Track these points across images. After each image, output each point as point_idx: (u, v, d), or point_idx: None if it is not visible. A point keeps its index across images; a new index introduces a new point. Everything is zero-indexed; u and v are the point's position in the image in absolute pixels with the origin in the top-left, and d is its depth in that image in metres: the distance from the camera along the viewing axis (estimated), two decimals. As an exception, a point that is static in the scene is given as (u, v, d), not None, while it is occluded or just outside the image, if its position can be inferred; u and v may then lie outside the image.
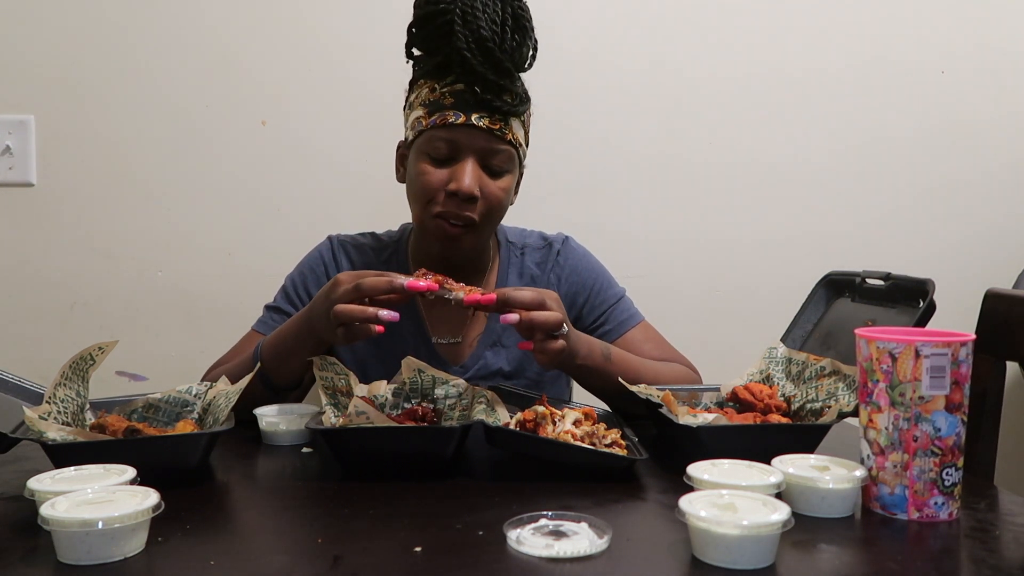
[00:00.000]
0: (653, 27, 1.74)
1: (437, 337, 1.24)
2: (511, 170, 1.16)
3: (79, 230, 1.70)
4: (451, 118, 1.10)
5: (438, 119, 1.11)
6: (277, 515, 0.82)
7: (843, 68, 1.76)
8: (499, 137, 1.12)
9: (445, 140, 1.11)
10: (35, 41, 1.66)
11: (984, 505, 0.82)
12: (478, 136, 1.11)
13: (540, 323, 0.96)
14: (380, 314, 0.94)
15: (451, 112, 1.10)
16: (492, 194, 1.13)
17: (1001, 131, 1.79)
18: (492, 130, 1.11)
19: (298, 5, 1.69)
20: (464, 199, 1.10)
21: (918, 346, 0.75)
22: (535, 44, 1.15)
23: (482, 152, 1.12)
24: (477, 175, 1.11)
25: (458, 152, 1.11)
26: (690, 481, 0.76)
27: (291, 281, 1.28)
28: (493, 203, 1.14)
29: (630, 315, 1.28)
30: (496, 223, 1.19)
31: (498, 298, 0.95)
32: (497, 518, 0.72)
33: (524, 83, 1.16)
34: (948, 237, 1.80)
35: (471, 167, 1.11)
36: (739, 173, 1.77)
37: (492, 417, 0.93)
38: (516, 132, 1.14)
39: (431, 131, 1.12)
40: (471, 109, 1.10)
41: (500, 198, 1.14)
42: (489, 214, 1.14)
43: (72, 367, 0.92)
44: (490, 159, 1.12)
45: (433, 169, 1.12)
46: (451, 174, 1.11)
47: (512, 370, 1.24)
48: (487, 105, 1.10)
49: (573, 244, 1.32)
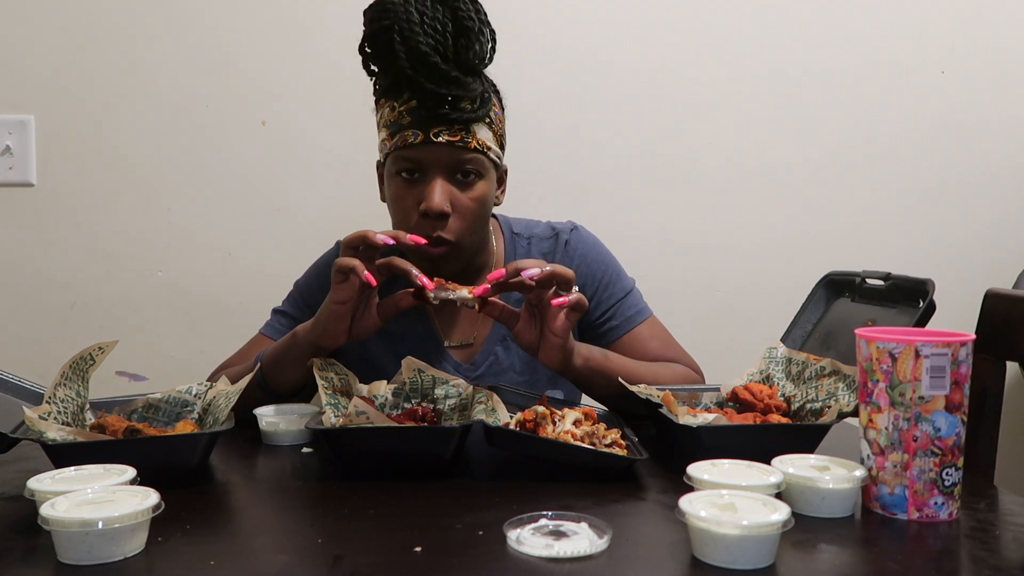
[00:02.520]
0: (653, 27, 1.74)
1: (449, 341, 1.23)
2: (484, 175, 1.13)
3: (79, 230, 1.70)
4: (411, 138, 1.09)
5: (399, 141, 1.09)
6: (277, 515, 0.82)
7: (843, 68, 1.76)
8: (462, 148, 1.09)
9: (409, 160, 1.10)
10: (35, 41, 1.66)
11: (984, 505, 0.82)
12: (440, 152, 1.09)
13: (560, 273, 0.96)
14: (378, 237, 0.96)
15: (410, 132, 1.09)
16: (465, 206, 1.12)
17: (1001, 131, 1.79)
18: (453, 143, 1.09)
19: (298, 5, 1.69)
20: (436, 216, 1.09)
21: (918, 346, 0.75)
22: (492, 36, 1.11)
23: (448, 166, 1.10)
24: (447, 191, 1.10)
25: (424, 170, 1.10)
26: (690, 481, 0.76)
27: (299, 286, 1.28)
28: (468, 215, 1.12)
29: (638, 311, 1.26)
30: (478, 232, 1.17)
31: (508, 270, 0.96)
32: (497, 518, 0.72)
33: (487, 80, 1.14)
34: (948, 237, 1.80)
35: (439, 185, 1.09)
36: (739, 173, 1.77)
37: (492, 417, 0.93)
38: (481, 137, 1.11)
39: (395, 153, 1.11)
40: (428, 125, 1.08)
41: (474, 209, 1.12)
42: (466, 227, 1.13)
43: (72, 367, 0.92)
44: (458, 171, 1.11)
45: (404, 191, 1.12)
46: (420, 193, 1.10)
47: (524, 367, 1.23)
48: (444, 119, 1.07)
49: (583, 233, 1.30)
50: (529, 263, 0.96)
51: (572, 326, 1.00)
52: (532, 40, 1.70)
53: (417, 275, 0.97)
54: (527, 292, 0.99)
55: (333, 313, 0.99)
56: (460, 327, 1.24)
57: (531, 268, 0.95)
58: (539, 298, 0.98)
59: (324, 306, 1.01)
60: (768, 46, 1.75)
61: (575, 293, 0.98)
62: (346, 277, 0.97)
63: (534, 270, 0.95)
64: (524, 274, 0.95)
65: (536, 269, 0.95)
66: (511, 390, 1.11)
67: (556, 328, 0.98)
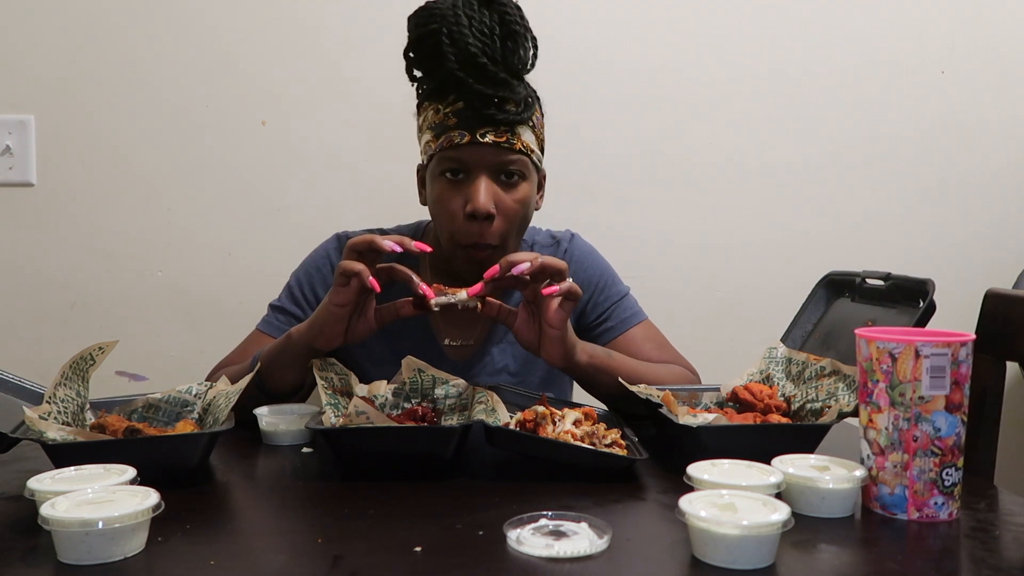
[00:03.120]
0: (653, 27, 1.74)
1: (449, 339, 1.23)
2: (527, 178, 1.14)
3: (79, 230, 1.70)
4: (456, 139, 1.09)
5: (445, 141, 1.10)
6: (277, 515, 0.82)
7: (843, 68, 1.76)
8: (507, 149, 1.10)
9: (455, 160, 1.10)
10: (35, 41, 1.66)
11: (984, 505, 0.82)
12: (486, 152, 1.10)
13: (550, 264, 0.97)
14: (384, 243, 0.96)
15: (456, 133, 1.09)
16: (509, 208, 1.12)
17: (1001, 131, 1.79)
18: (499, 143, 1.09)
19: (298, 5, 1.69)
20: (482, 218, 1.10)
21: (918, 346, 0.75)
22: (534, 43, 1.13)
23: (493, 167, 1.11)
24: (492, 192, 1.10)
25: (469, 171, 1.11)
26: (690, 481, 0.76)
27: (296, 280, 1.27)
28: (512, 217, 1.13)
29: (633, 313, 1.28)
30: (521, 234, 1.18)
31: (502, 265, 0.96)
32: (497, 518, 0.72)
33: (529, 85, 1.15)
34: (948, 237, 1.80)
35: (484, 185, 1.10)
36: (739, 173, 1.77)
37: (492, 417, 0.93)
38: (525, 139, 1.12)
39: (440, 154, 1.12)
40: (475, 126, 1.09)
41: (518, 211, 1.13)
42: (510, 230, 1.13)
43: (72, 367, 0.92)
44: (502, 172, 1.11)
45: (450, 193, 1.12)
46: (466, 194, 1.11)
47: (519, 367, 1.24)
48: (490, 120, 1.09)
49: (580, 241, 1.32)
50: (520, 257, 0.96)
51: (568, 317, 1.00)
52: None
53: (418, 283, 0.97)
54: (522, 288, 1.00)
55: (331, 315, 0.99)
56: (458, 327, 1.24)
57: (522, 263, 0.96)
58: (534, 292, 0.99)
59: (322, 308, 1.00)
60: (768, 46, 1.75)
61: (567, 282, 0.98)
62: (348, 281, 0.96)
63: (524, 264, 0.96)
64: (515, 270, 0.96)
65: (526, 263, 0.96)
66: (511, 390, 1.11)
67: (551, 319, 0.99)
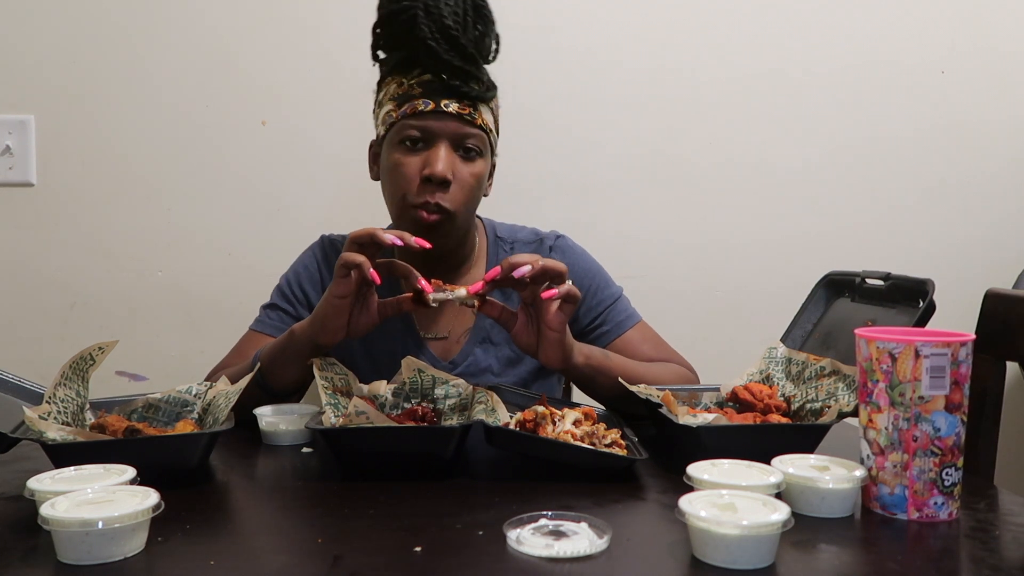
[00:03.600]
0: (653, 27, 1.73)
1: (425, 332, 1.24)
2: (483, 155, 1.16)
3: (79, 230, 1.70)
4: (420, 106, 1.12)
5: (408, 109, 1.12)
6: (277, 515, 0.82)
7: (843, 68, 1.76)
8: (469, 122, 1.13)
9: (416, 128, 1.12)
10: (35, 41, 1.66)
11: (984, 505, 0.82)
12: (449, 121, 1.12)
13: (551, 267, 0.97)
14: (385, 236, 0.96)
15: (420, 101, 1.12)
16: (465, 179, 1.14)
17: (1001, 131, 1.79)
18: (462, 114, 1.12)
19: (298, 5, 1.69)
20: (438, 183, 1.11)
21: (918, 346, 0.75)
22: (497, 37, 1.17)
23: (454, 137, 1.13)
24: (451, 160, 1.12)
25: (430, 138, 1.13)
26: (690, 481, 0.76)
27: (285, 280, 1.29)
28: (467, 189, 1.14)
29: (628, 315, 1.27)
30: (471, 210, 1.19)
31: (503, 267, 0.96)
32: (497, 518, 0.72)
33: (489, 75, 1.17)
34: (948, 237, 1.80)
35: (444, 151, 1.12)
36: (738, 173, 1.77)
37: (492, 417, 0.93)
38: (486, 118, 1.15)
39: (402, 122, 1.13)
40: (440, 96, 1.12)
41: (472, 184, 1.15)
42: (463, 200, 1.14)
43: (72, 367, 0.92)
44: (462, 143, 1.13)
45: (407, 158, 1.13)
46: (424, 160, 1.12)
47: (501, 368, 1.24)
48: (455, 91, 1.12)
49: (568, 243, 1.31)
50: (522, 259, 0.96)
51: (567, 319, 1.00)
52: (532, 40, 1.70)
53: (417, 277, 0.98)
54: (522, 289, 0.99)
55: (333, 307, 0.99)
56: (437, 321, 1.24)
57: (523, 266, 0.96)
58: (533, 295, 0.99)
59: (324, 301, 1.00)
60: (768, 46, 1.75)
61: (567, 284, 0.98)
62: (348, 272, 0.97)
63: (525, 267, 0.96)
64: (516, 273, 0.96)
65: (527, 266, 0.96)
66: (511, 390, 1.11)
67: (551, 322, 0.98)
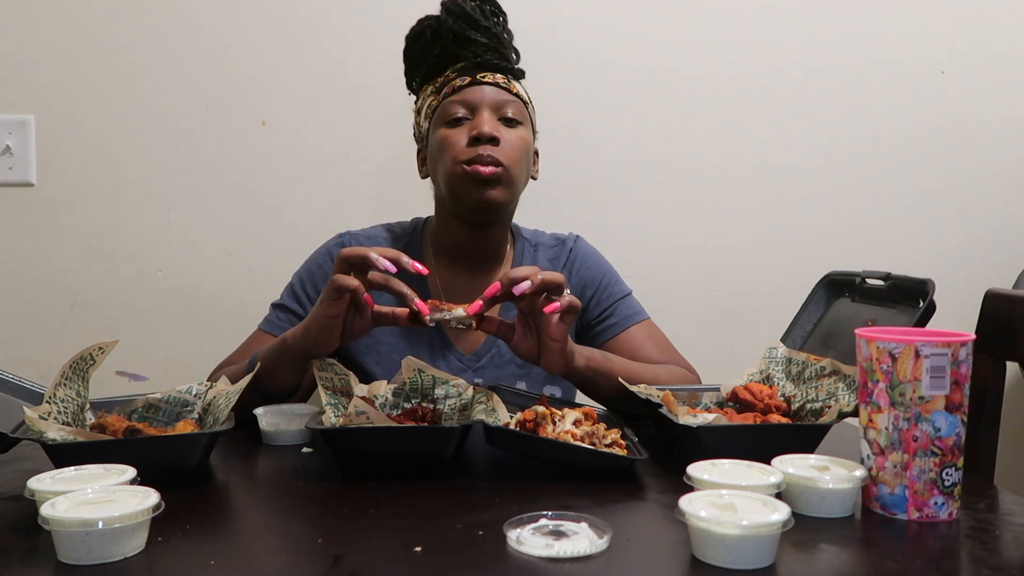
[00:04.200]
0: (653, 27, 1.73)
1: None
2: (525, 124, 1.21)
3: (79, 230, 1.70)
4: (458, 83, 1.19)
5: (447, 89, 1.20)
6: (277, 515, 0.82)
7: (843, 68, 1.76)
8: (506, 90, 1.20)
9: (457, 103, 1.18)
10: (35, 41, 1.66)
11: (984, 505, 0.82)
12: (487, 91, 1.19)
13: (549, 280, 0.96)
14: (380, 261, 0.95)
15: (457, 79, 1.20)
16: (512, 140, 1.18)
17: (1001, 131, 1.79)
18: (498, 83, 1.20)
19: (298, 5, 1.69)
20: (487, 140, 1.15)
21: (918, 346, 0.75)
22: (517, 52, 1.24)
23: (494, 104, 1.19)
24: (495, 123, 1.18)
25: (472, 109, 1.18)
26: (690, 481, 0.76)
27: (298, 279, 1.27)
28: (516, 147, 1.18)
29: (635, 312, 1.29)
30: (523, 175, 1.21)
31: (502, 283, 0.95)
32: (497, 518, 0.72)
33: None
34: (948, 237, 1.80)
35: (487, 115, 1.18)
36: (739, 173, 1.77)
37: (492, 417, 0.93)
38: (521, 91, 1.22)
39: (443, 104, 1.20)
40: (475, 71, 1.20)
41: (520, 145, 1.19)
42: (515, 158, 1.18)
43: (72, 367, 0.92)
44: (502, 111, 1.19)
45: (453, 131, 1.18)
46: (470, 127, 1.17)
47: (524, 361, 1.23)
48: (488, 64, 1.20)
49: (584, 243, 1.35)
50: (521, 274, 0.95)
51: (569, 329, 1.00)
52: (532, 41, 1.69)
53: (412, 299, 0.97)
54: (519, 302, 0.98)
55: (325, 326, 0.97)
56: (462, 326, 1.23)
57: (522, 283, 0.94)
58: (531, 306, 0.98)
59: (315, 318, 0.98)
60: (768, 46, 1.75)
61: (567, 296, 0.97)
62: (341, 295, 0.95)
63: (525, 283, 0.94)
64: (516, 290, 0.95)
65: (527, 282, 0.94)
66: (511, 390, 1.11)
67: (553, 333, 0.98)
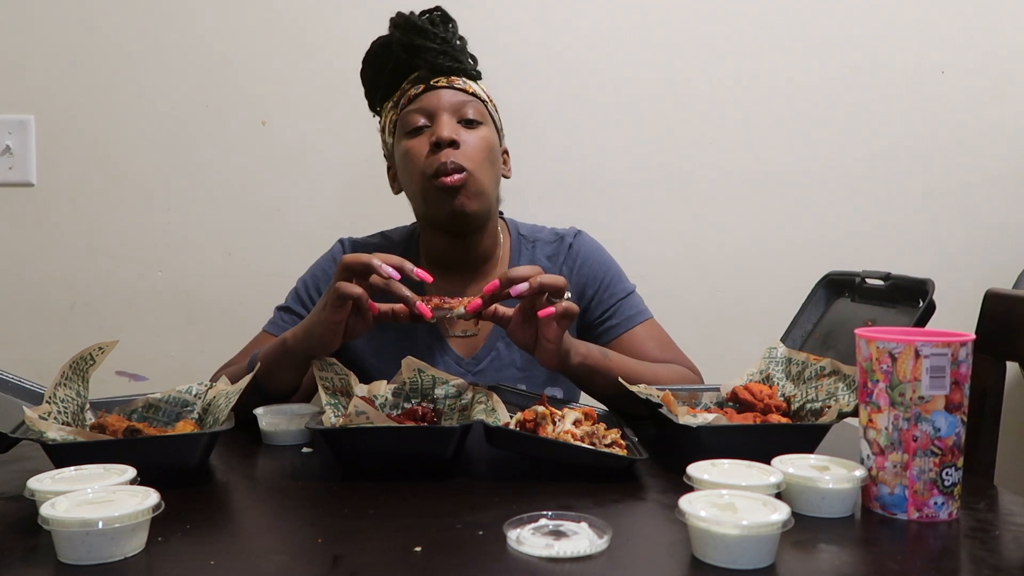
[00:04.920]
0: (653, 30, 1.73)
1: (452, 331, 1.24)
2: (486, 123, 1.20)
3: (79, 230, 1.70)
4: (413, 91, 1.18)
5: (403, 100, 1.19)
6: (277, 515, 0.82)
7: (843, 69, 1.76)
8: (462, 91, 1.18)
9: (416, 111, 1.17)
10: (35, 41, 1.66)
11: (984, 505, 0.82)
12: (443, 95, 1.17)
13: (549, 283, 0.96)
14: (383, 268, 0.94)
15: (412, 88, 1.19)
16: (473, 142, 1.16)
17: (1001, 132, 1.79)
18: (453, 85, 1.18)
19: (297, 5, 1.69)
20: (446, 144, 1.14)
21: (918, 346, 0.75)
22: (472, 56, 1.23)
23: (452, 107, 1.17)
24: (453, 125, 1.16)
25: (431, 116, 1.17)
26: (690, 481, 0.76)
27: (302, 283, 1.28)
28: (478, 148, 1.16)
29: (638, 311, 1.27)
30: (491, 177, 1.19)
31: (501, 281, 0.95)
32: (497, 518, 0.72)
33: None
34: (948, 237, 1.80)
35: (446, 118, 1.16)
36: (740, 174, 1.77)
37: (492, 417, 0.93)
38: (478, 89, 1.20)
39: (402, 115, 1.19)
40: (429, 77, 1.19)
41: (482, 146, 1.17)
42: (478, 160, 1.16)
43: (72, 367, 0.92)
44: (461, 112, 1.17)
45: (414, 141, 1.17)
46: (430, 133, 1.16)
47: (525, 363, 1.23)
48: (442, 69, 1.18)
49: (585, 237, 1.32)
50: (520, 274, 0.95)
51: (564, 332, 1.00)
52: (531, 42, 1.70)
53: (414, 302, 0.97)
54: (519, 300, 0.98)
55: (327, 331, 0.98)
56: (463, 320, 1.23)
57: (520, 284, 0.94)
58: (531, 303, 0.98)
59: (317, 322, 0.99)
60: (768, 48, 1.75)
61: (565, 301, 0.97)
62: (344, 303, 0.95)
63: (522, 286, 0.94)
64: (513, 292, 0.95)
65: (524, 284, 0.94)
66: (511, 390, 1.11)
67: (548, 335, 0.98)
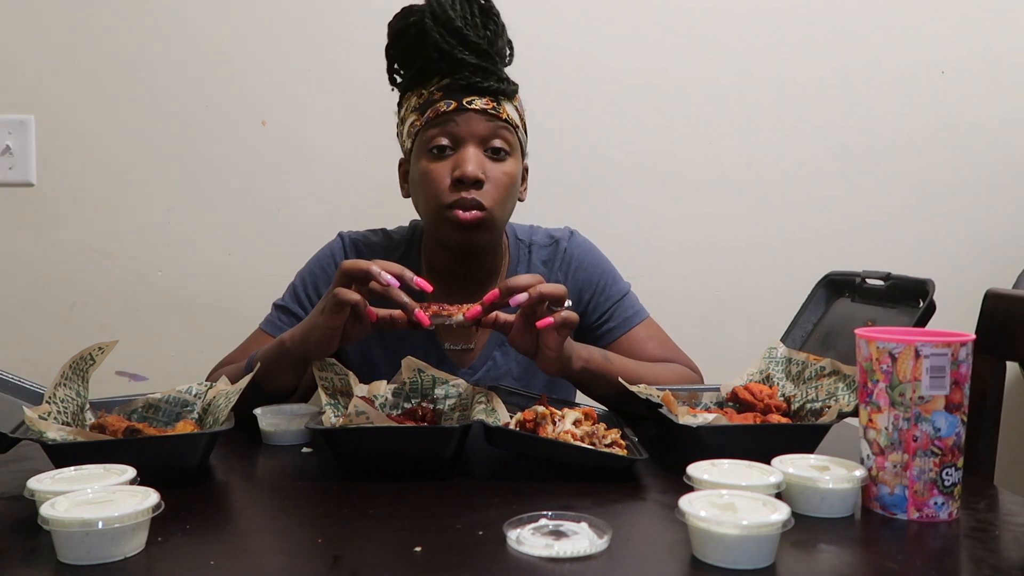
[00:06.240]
0: (652, 28, 1.74)
1: (450, 343, 1.23)
2: (513, 154, 1.14)
3: (79, 230, 1.70)
4: (443, 107, 1.11)
5: (431, 113, 1.11)
6: (277, 515, 0.82)
7: (843, 68, 1.76)
8: (495, 116, 1.12)
9: (442, 131, 1.11)
10: (35, 41, 1.66)
11: (984, 505, 0.82)
12: (473, 119, 1.11)
13: (549, 292, 0.95)
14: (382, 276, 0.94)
15: (442, 102, 1.11)
16: (498, 178, 1.12)
17: (1001, 131, 1.79)
18: (486, 110, 1.11)
19: (297, 5, 1.69)
20: (470, 183, 1.09)
21: (918, 346, 0.75)
22: (511, 43, 1.16)
23: (481, 137, 1.11)
24: (480, 160, 1.11)
25: (457, 141, 1.11)
26: (690, 481, 0.76)
27: (300, 279, 1.27)
28: (501, 187, 1.12)
29: (635, 312, 1.27)
30: (508, 211, 1.16)
31: (501, 291, 0.95)
32: (497, 518, 0.72)
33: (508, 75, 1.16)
34: (948, 237, 1.80)
35: (472, 152, 1.10)
36: (739, 173, 1.77)
37: (492, 417, 0.93)
38: (511, 113, 1.14)
39: (426, 128, 1.12)
40: (461, 94, 1.11)
41: (506, 183, 1.13)
42: (499, 199, 1.12)
43: (72, 367, 0.92)
44: (490, 142, 1.12)
45: (436, 165, 1.11)
46: (454, 163, 1.11)
47: (521, 372, 1.23)
48: (476, 88, 1.10)
49: (579, 239, 1.30)
50: (519, 284, 0.95)
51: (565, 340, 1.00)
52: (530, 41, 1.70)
53: (413, 310, 0.96)
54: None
55: (324, 335, 0.97)
56: (459, 331, 1.23)
57: (519, 294, 0.94)
58: (532, 311, 0.98)
59: (315, 327, 0.98)
60: (767, 47, 1.75)
61: (564, 311, 0.97)
62: (342, 309, 0.95)
63: (522, 296, 0.94)
64: (513, 302, 0.94)
65: (524, 295, 0.94)
66: (511, 390, 1.11)
67: (548, 343, 0.98)
